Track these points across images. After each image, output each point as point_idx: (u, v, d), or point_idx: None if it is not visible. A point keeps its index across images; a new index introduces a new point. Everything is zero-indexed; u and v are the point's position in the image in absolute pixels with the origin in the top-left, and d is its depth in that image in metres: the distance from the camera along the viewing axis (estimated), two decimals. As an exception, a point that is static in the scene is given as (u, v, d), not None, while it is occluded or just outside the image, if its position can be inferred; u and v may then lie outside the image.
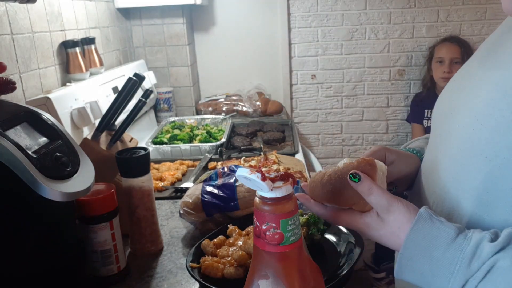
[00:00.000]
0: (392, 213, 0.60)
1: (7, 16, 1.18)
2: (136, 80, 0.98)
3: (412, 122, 2.51)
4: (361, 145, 2.71)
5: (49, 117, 0.81)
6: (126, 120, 1.06)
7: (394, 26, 2.48)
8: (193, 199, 1.05)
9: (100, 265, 0.87)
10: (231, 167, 1.14)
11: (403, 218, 0.59)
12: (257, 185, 0.52)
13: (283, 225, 0.52)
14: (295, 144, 1.81)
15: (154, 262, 0.97)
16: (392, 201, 0.60)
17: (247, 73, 2.56)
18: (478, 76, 0.65)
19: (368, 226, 0.62)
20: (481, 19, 2.44)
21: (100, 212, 0.84)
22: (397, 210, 0.60)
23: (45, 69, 1.38)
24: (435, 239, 0.56)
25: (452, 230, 0.56)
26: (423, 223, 0.57)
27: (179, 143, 1.78)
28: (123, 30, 2.16)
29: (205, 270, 0.86)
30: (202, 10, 2.45)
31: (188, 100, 2.39)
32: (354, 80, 2.58)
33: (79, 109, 1.36)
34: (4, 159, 0.66)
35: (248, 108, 2.35)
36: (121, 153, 0.95)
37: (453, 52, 2.29)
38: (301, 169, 1.42)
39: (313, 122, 2.67)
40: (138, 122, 1.95)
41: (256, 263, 0.55)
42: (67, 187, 0.72)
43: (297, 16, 2.48)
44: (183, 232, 1.10)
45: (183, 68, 2.33)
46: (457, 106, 0.66)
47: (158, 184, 1.36)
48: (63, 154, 0.76)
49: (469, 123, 0.61)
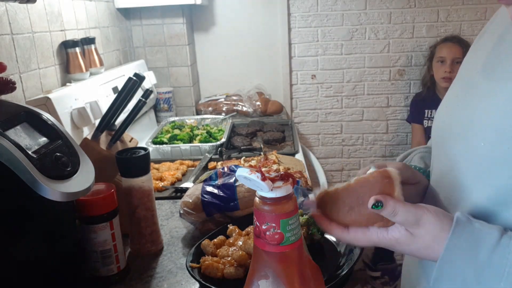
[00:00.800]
0: (423, 226, 0.57)
1: (7, 16, 1.18)
2: (136, 80, 0.98)
3: (412, 122, 2.51)
4: (361, 145, 2.71)
5: (49, 117, 0.81)
6: (126, 120, 1.06)
7: (394, 26, 2.48)
8: (193, 199, 1.05)
9: (100, 265, 0.87)
10: (231, 167, 1.14)
11: (436, 228, 0.56)
12: (257, 185, 0.52)
13: (283, 225, 0.52)
14: (295, 144, 1.81)
15: (154, 262, 0.97)
16: (420, 214, 0.57)
17: (247, 73, 2.56)
18: (486, 89, 0.62)
19: (397, 241, 0.59)
20: (481, 19, 2.44)
21: (100, 212, 0.84)
22: (427, 222, 0.57)
23: (45, 69, 1.38)
24: (478, 242, 0.54)
25: (495, 231, 0.54)
26: (463, 228, 0.55)
27: (179, 143, 1.78)
28: (123, 30, 2.16)
29: (205, 270, 0.86)
30: (202, 10, 2.45)
31: (188, 100, 2.39)
32: (354, 80, 2.58)
33: (79, 109, 1.36)
34: (4, 159, 0.66)
35: (248, 108, 2.35)
36: (121, 153, 0.95)
37: (454, 52, 2.29)
38: (301, 169, 1.42)
39: (313, 122, 2.67)
40: (138, 122, 1.95)
41: (256, 263, 0.55)
42: (67, 187, 0.72)
43: (297, 16, 2.48)
44: (183, 232, 1.10)
45: (183, 68, 2.33)
46: (469, 123, 0.63)
47: (158, 184, 1.36)
48: (63, 154, 0.76)
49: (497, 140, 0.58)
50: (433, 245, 0.56)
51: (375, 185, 0.58)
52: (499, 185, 0.57)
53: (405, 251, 0.59)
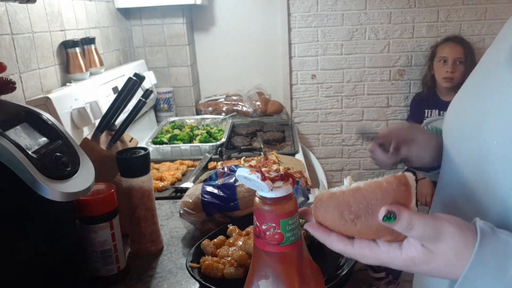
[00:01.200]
0: (444, 241, 0.49)
1: (7, 16, 1.18)
2: (136, 80, 0.98)
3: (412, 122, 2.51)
4: (361, 145, 2.71)
5: (49, 117, 0.81)
6: (126, 120, 1.06)
7: (394, 26, 2.48)
8: (193, 199, 1.05)
9: (100, 265, 0.87)
10: (231, 167, 1.14)
11: (458, 243, 0.49)
12: (257, 185, 0.52)
13: (283, 225, 0.52)
14: (295, 144, 1.81)
15: (154, 262, 0.97)
16: (440, 227, 0.49)
17: (247, 73, 2.56)
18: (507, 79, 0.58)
19: (413, 261, 0.50)
20: (481, 19, 2.44)
21: (100, 212, 0.84)
22: (449, 236, 0.49)
23: (45, 69, 1.38)
24: (507, 257, 0.48)
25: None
26: (489, 240, 0.49)
27: (179, 143, 1.78)
28: (123, 30, 2.16)
29: (205, 270, 0.86)
30: (202, 10, 2.45)
31: (188, 100, 2.39)
32: (354, 80, 2.58)
33: (79, 109, 1.35)
34: (4, 159, 0.66)
35: (248, 108, 2.35)
36: (121, 153, 0.95)
37: (456, 52, 2.28)
38: (301, 169, 1.42)
39: (313, 122, 2.67)
40: (138, 122, 1.95)
41: (256, 263, 0.55)
42: (67, 187, 0.72)
43: (297, 16, 2.48)
44: (183, 232, 1.10)
45: (183, 68, 2.33)
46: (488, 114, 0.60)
47: (158, 184, 1.36)
48: (63, 154, 0.76)
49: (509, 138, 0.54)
50: (455, 262, 0.49)
51: (389, 193, 0.50)
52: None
53: (422, 271, 0.51)
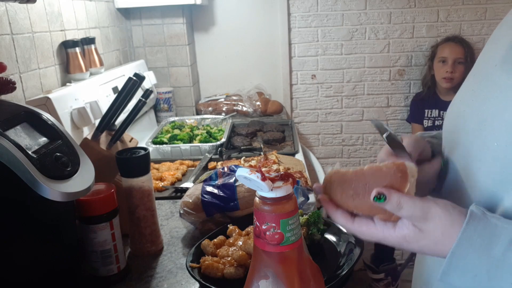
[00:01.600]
0: (431, 221, 0.54)
1: (7, 16, 1.18)
2: (136, 80, 0.98)
3: (412, 122, 2.51)
4: (361, 145, 2.71)
5: (49, 117, 0.81)
6: (126, 120, 1.06)
7: (394, 26, 2.48)
8: (193, 199, 1.05)
9: (100, 265, 0.87)
10: (231, 167, 1.14)
11: (445, 223, 0.53)
12: (257, 185, 0.52)
13: (283, 225, 0.52)
14: (295, 144, 1.81)
15: (154, 262, 0.97)
16: (427, 208, 0.54)
17: (247, 73, 2.56)
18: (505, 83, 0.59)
19: (405, 239, 0.56)
20: (481, 19, 2.44)
21: (100, 212, 0.84)
22: (436, 215, 0.54)
23: (45, 69, 1.38)
24: (493, 238, 0.51)
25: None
26: (478, 222, 0.52)
27: (179, 143, 1.78)
28: (123, 30, 2.16)
29: (205, 270, 0.86)
30: (202, 10, 2.45)
31: (188, 100, 2.39)
32: (354, 80, 2.58)
33: (79, 109, 1.36)
34: (4, 159, 0.66)
35: (248, 108, 2.35)
36: (121, 153, 0.95)
37: (456, 52, 2.28)
38: (301, 169, 1.42)
39: (313, 122, 2.67)
40: (138, 122, 1.95)
41: (256, 263, 0.55)
42: (67, 187, 0.72)
43: (297, 16, 2.48)
44: (183, 232, 1.10)
45: (183, 68, 2.33)
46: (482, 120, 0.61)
47: (158, 184, 1.36)
48: (63, 154, 0.76)
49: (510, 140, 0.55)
50: (443, 240, 0.54)
51: (386, 177, 0.56)
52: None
53: (414, 248, 0.56)
